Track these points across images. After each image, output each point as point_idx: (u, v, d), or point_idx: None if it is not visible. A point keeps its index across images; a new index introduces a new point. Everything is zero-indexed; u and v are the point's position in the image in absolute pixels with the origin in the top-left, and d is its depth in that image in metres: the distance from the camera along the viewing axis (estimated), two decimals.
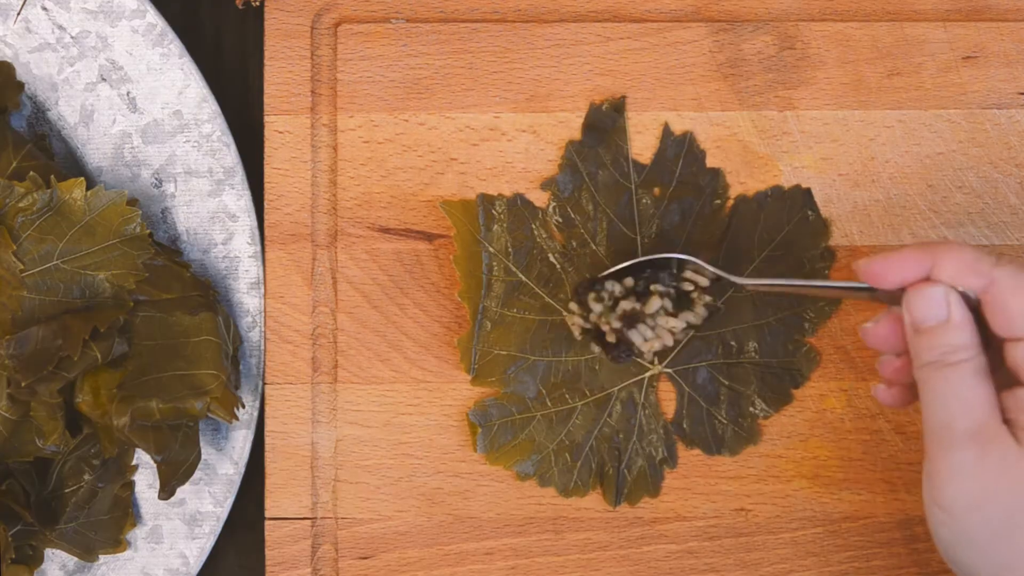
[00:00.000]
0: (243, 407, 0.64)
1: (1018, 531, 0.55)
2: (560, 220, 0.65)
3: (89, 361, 0.62)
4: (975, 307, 0.57)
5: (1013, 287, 0.56)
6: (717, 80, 0.66)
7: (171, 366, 0.63)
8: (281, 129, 0.66)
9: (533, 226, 0.65)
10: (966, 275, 0.56)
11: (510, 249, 0.65)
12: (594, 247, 0.65)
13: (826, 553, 0.65)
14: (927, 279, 0.57)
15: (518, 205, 0.65)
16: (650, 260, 0.63)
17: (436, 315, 0.66)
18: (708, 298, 0.63)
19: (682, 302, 0.63)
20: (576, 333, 0.63)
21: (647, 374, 0.65)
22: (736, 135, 0.66)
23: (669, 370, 0.65)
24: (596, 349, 0.62)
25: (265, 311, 0.66)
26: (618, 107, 0.65)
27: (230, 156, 0.66)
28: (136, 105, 0.67)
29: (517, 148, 0.66)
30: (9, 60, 0.67)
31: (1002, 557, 0.56)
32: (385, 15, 0.67)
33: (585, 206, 0.65)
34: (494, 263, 0.65)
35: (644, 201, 0.65)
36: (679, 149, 0.65)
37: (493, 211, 0.65)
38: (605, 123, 0.65)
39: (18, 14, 0.67)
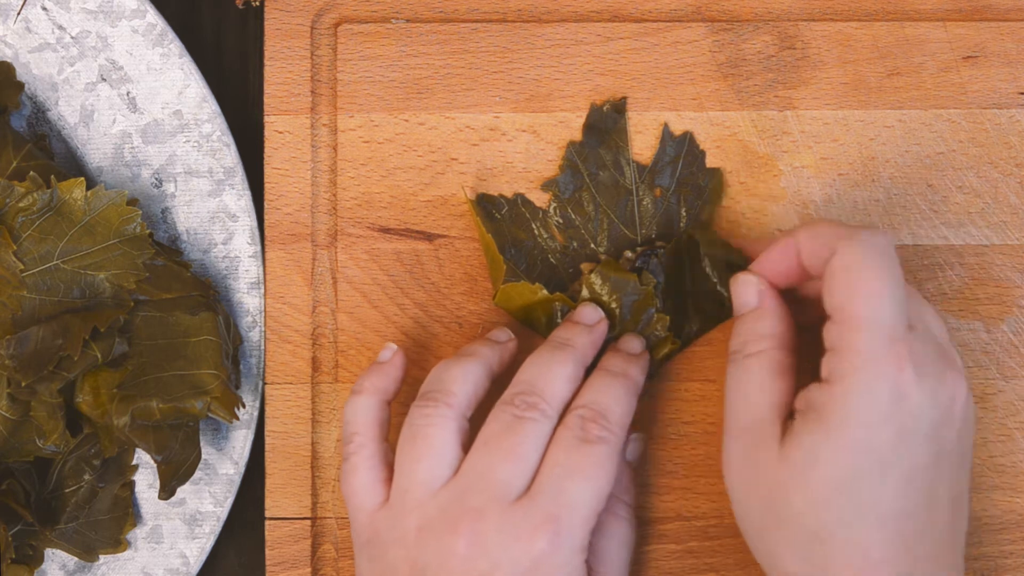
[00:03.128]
0: (243, 407, 0.64)
1: (767, 532, 0.57)
2: (561, 221, 0.65)
3: (89, 361, 0.62)
4: None
5: (842, 266, 0.56)
6: (717, 80, 0.66)
7: (171, 366, 0.63)
8: (281, 129, 0.66)
9: (534, 226, 0.65)
10: (818, 254, 0.58)
11: (512, 249, 0.65)
12: (594, 247, 0.65)
13: None
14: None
15: (519, 205, 0.65)
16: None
17: (436, 315, 0.66)
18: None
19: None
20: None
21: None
22: (736, 135, 0.66)
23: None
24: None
25: (265, 311, 0.66)
26: (619, 108, 0.65)
27: (230, 156, 0.66)
28: (136, 105, 0.67)
29: (517, 148, 0.66)
30: (9, 60, 0.67)
31: (763, 547, 0.58)
32: (385, 15, 0.67)
33: (586, 207, 0.65)
34: (499, 263, 0.65)
35: (644, 202, 0.65)
36: (679, 149, 0.65)
37: (494, 211, 0.65)
38: (606, 124, 0.65)
39: (18, 14, 0.67)
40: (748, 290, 0.60)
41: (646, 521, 0.65)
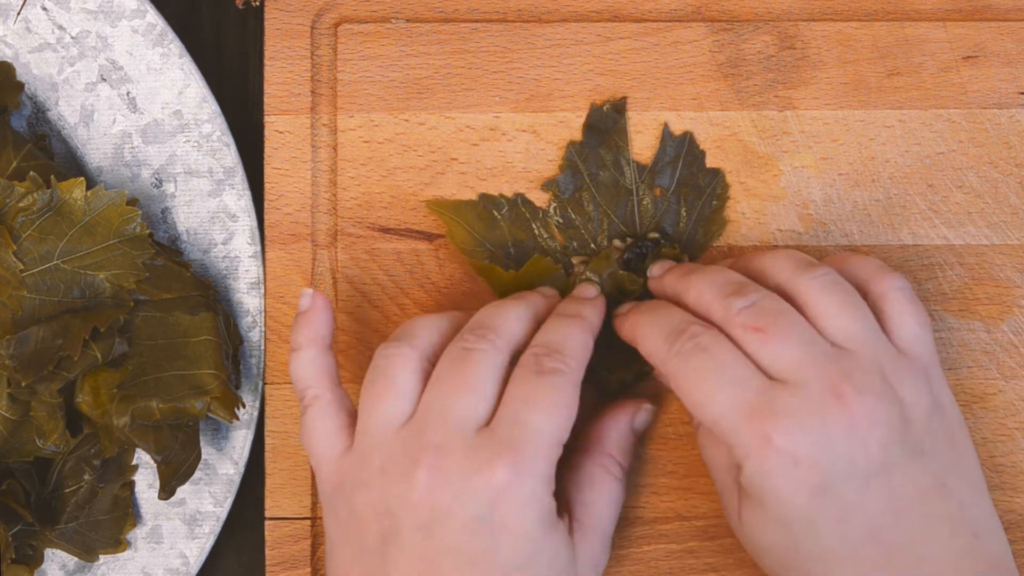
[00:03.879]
0: (243, 407, 0.64)
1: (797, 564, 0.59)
2: (561, 221, 0.65)
3: (89, 361, 0.62)
4: None
5: (674, 381, 0.59)
6: (717, 80, 0.66)
7: (171, 366, 0.63)
8: (281, 129, 0.66)
9: (534, 226, 0.65)
10: (661, 367, 0.60)
11: (511, 249, 0.65)
12: (594, 247, 0.65)
13: None
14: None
15: (519, 205, 0.65)
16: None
17: None
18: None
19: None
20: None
21: None
22: (736, 135, 0.66)
23: None
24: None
25: (265, 311, 0.66)
26: (619, 108, 0.65)
27: (230, 156, 0.66)
28: (136, 105, 0.67)
29: (517, 148, 0.66)
30: (9, 60, 0.67)
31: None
32: (385, 15, 0.67)
33: (586, 207, 0.65)
34: (497, 261, 0.65)
35: (645, 202, 0.65)
36: (679, 149, 0.65)
37: (494, 211, 0.65)
38: (606, 124, 0.65)
39: (18, 14, 0.67)
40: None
41: (646, 521, 0.65)
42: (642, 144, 0.66)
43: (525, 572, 0.57)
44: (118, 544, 0.66)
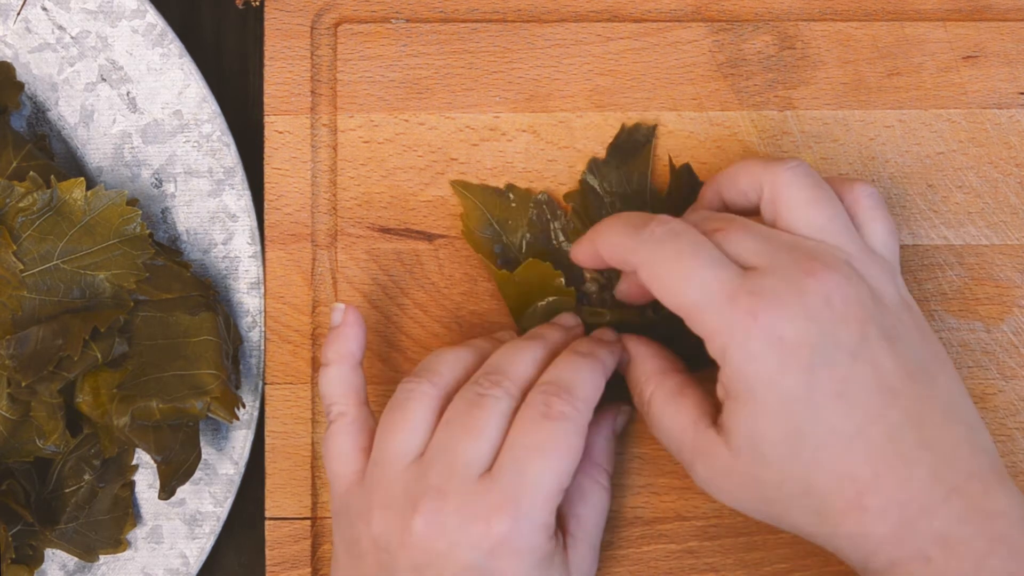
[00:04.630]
0: (243, 407, 0.64)
1: (773, 515, 0.58)
2: (580, 228, 0.65)
3: (89, 361, 0.62)
4: None
5: (646, 275, 0.58)
6: (717, 80, 0.66)
7: (171, 366, 0.63)
8: (281, 129, 0.66)
9: (552, 227, 0.65)
10: (623, 266, 0.60)
11: (525, 244, 0.65)
12: None
13: (826, 553, 0.65)
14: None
15: (543, 204, 0.65)
16: None
17: (436, 315, 0.66)
18: None
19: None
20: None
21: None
22: (736, 135, 0.66)
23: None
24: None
25: (265, 311, 0.66)
26: (649, 133, 0.65)
27: (230, 156, 0.66)
28: (136, 105, 0.67)
29: (517, 148, 0.66)
30: (9, 60, 0.67)
31: (782, 526, 0.58)
32: (385, 15, 0.67)
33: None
34: (507, 254, 0.65)
35: None
36: (679, 180, 0.65)
37: (516, 204, 0.65)
38: (632, 146, 0.65)
39: (18, 14, 0.67)
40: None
41: (646, 521, 0.65)
42: None
43: None
44: (118, 544, 0.66)
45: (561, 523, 0.61)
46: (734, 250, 0.57)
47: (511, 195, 0.65)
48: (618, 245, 0.59)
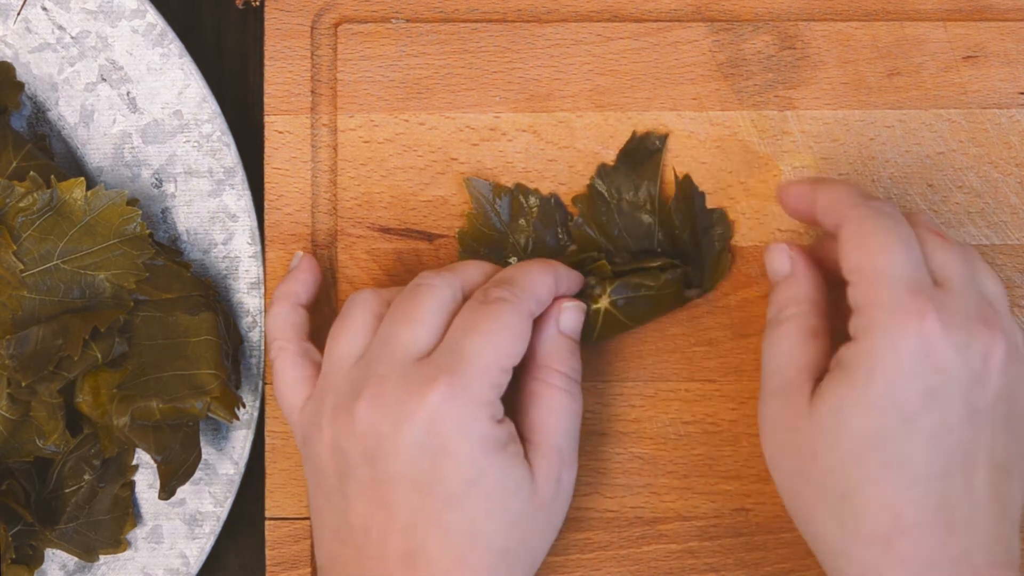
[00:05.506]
0: (243, 407, 0.64)
1: (800, 493, 0.58)
2: (587, 232, 0.65)
3: (89, 361, 0.62)
4: None
5: (853, 231, 0.57)
6: (717, 80, 0.66)
7: (171, 366, 0.63)
8: (281, 129, 0.66)
9: (559, 229, 0.65)
10: (830, 215, 0.59)
11: (530, 245, 0.65)
12: (611, 267, 0.64)
13: None
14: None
15: (551, 205, 0.65)
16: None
17: None
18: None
19: None
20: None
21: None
22: (736, 135, 0.66)
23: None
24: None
25: (265, 311, 0.66)
26: (661, 142, 0.65)
27: (230, 156, 0.66)
28: (136, 105, 0.67)
29: (517, 148, 0.66)
30: (9, 60, 0.67)
31: (796, 509, 0.59)
32: (385, 15, 0.67)
33: (609, 229, 0.65)
34: (510, 253, 0.65)
35: (660, 236, 0.65)
36: (689, 191, 0.65)
37: (525, 204, 0.65)
38: (641, 154, 0.65)
39: (18, 14, 0.67)
40: (780, 257, 0.61)
41: (646, 521, 0.65)
42: None
43: (472, 496, 0.57)
44: (118, 544, 0.66)
45: (521, 433, 0.60)
46: (939, 261, 0.57)
47: (519, 195, 0.65)
48: (845, 198, 0.58)
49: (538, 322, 0.61)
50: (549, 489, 0.59)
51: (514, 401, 0.61)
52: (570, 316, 0.62)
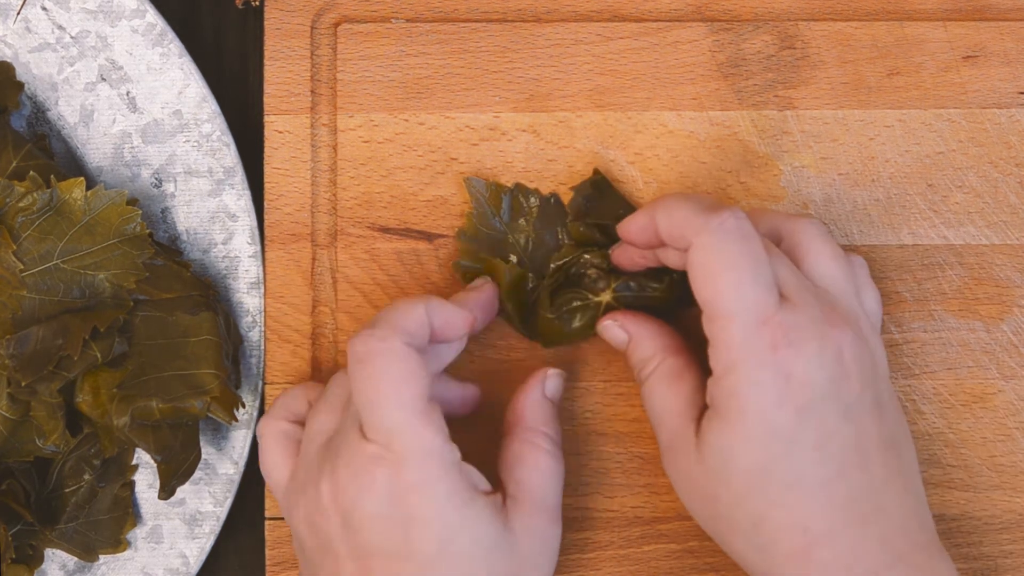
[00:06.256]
0: (243, 407, 0.64)
1: (718, 531, 0.59)
2: (584, 231, 0.65)
3: (89, 361, 0.62)
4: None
5: (699, 262, 0.57)
6: (717, 80, 0.66)
7: (171, 366, 0.63)
8: (281, 129, 0.66)
9: (559, 229, 0.65)
10: (675, 238, 0.59)
11: (530, 245, 0.65)
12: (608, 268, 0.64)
13: None
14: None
15: (551, 205, 0.65)
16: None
17: None
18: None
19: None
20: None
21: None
22: (736, 135, 0.66)
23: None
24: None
25: (265, 311, 0.66)
26: (599, 184, 0.65)
27: (230, 156, 0.66)
28: (136, 105, 0.67)
29: (517, 148, 0.66)
30: (9, 60, 0.67)
31: (721, 541, 0.60)
32: (385, 15, 0.67)
33: (611, 230, 0.65)
34: (510, 253, 0.65)
35: None
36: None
37: (525, 204, 0.65)
38: (593, 197, 0.65)
39: (18, 14, 0.67)
40: (613, 330, 0.62)
41: (646, 521, 0.65)
42: (642, 143, 0.66)
43: (449, 557, 0.57)
44: (118, 544, 0.66)
45: (502, 489, 0.60)
46: (783, 272, 0.58)
47: (519, 194, 0.65)
48: (685, 220, 0.58)
49: (523, 386, 0.62)
50: (530, 546, 0.59)
51: (499, 463, 0.61)
52: (554, 382, 0.63)
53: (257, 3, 0.68)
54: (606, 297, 0.63)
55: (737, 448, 0.57)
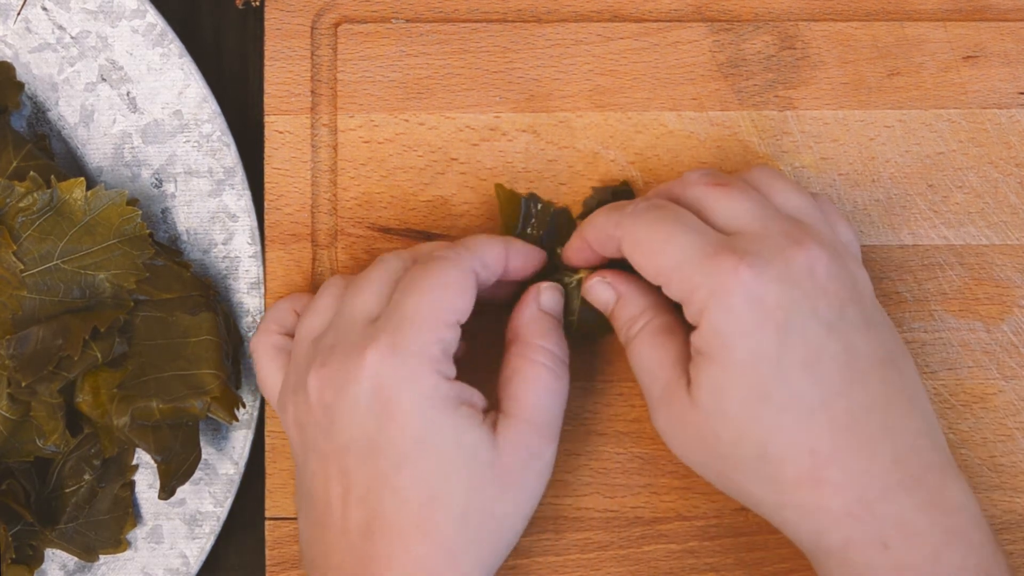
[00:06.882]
0: (243, 407, 0.64)
1: (724, 473, 0.58)
2: None
3: (89, 361, 0.62)
4: None
5: (628, 249, 0.58)
6: (717, 80, 0.66)
7: (171, 366, 0.63)
8: (281, 129, 0.66)
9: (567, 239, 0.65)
10: (608, 245, 0.60)
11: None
12: None
13: None
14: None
15: (559, 215, 0.65)
16: None
17: None
18: None
19: None
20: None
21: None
22: (736, 135, 0.66)
23: None
24: None
25: (265, 311, 0.66)
26: (619, 193, 0.65)
27: (230, 156, 0.66)
28: (136, 105, 0.67)
29: (517, 148, 0.66)
30: (9, 60, 0.67)
31: (727, 485, 0.59)
32: (385, 15, 0.67)
33: None
34: None
35: None
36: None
37: (533, 215, 0.65)
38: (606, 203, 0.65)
39: (18, 14, 0.67)
40: (601, 288, 0.62)
41: (646, 521, 0.65)
42: (642, 144, 0.66)
43: (422, 454, 0.56)
44: (118, 544, 0.66)
45: (498, 404, 0.60)
46: (727, 212, 0.58)
47: (531, 204, 0.65)
48: (602, 225, 0.60)
49: (518, 303, 0.62)
50: (515, 459, 0.58)
51: (498, 381, 0.61)
52: (550, 295, 0.62)
53: (257, 3, 0.68)
54: (583, 272, 0.63)
55: (728, 381, 0.56)
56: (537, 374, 0.60)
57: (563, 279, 0.63)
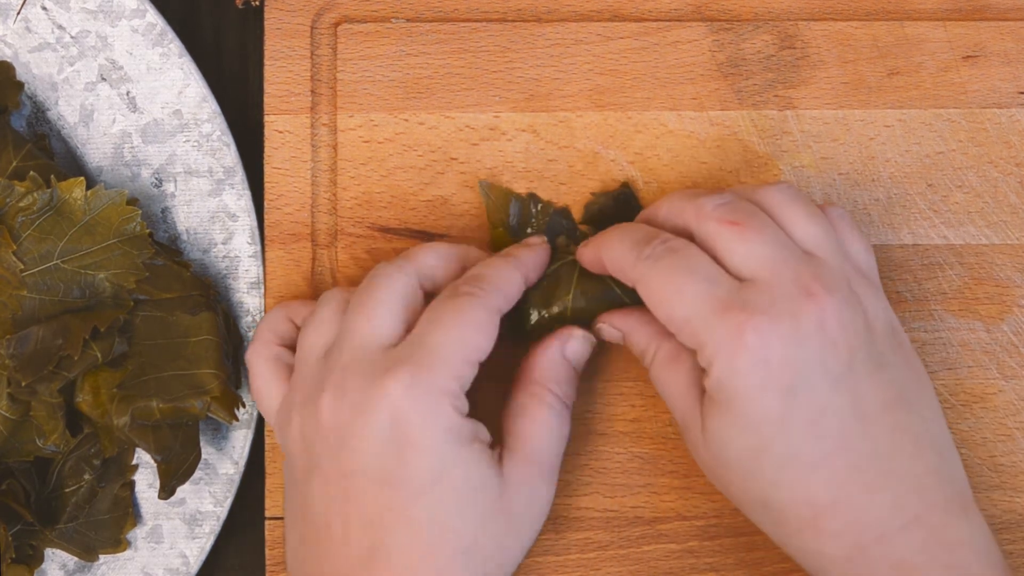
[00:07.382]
0: (243, 407, 0.64)
1: (736, 500, 0.59)
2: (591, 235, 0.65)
3: (89, 361, 0.62)
4: None
5: (646, 293, 0.58)
6: (717, 80, 0.66)
7: (171, 366, 0.63)
8: (281, 129, 0.66)
9: (567, 241, 0.65)
10: (623, 277, 0.60)
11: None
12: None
13: None
14: None
15: (561, 216, 0.65)
16: None
17: None
18: None
19: None
20: None
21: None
22: (736, 135, 0.66)
23: None
24: None
25: (265, 311, 0.66)
26: (620, 197, 0.65)
27: (230, 156, 0.66)
28: (136, 105, 0.67)
29: (517, 148, 0.66)
30: (9, 60, 0.67)
31: (744, 513, 0.60)
32: (385, 15, 0.67)
33: None
34: None
35: None
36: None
37: (532, 215, 0.65)
38: (608, 208, 0.65)
39: (18, 14, 0.67)
40: (608, 332, 0.62)
41: (646, 521, 0.65)
42: (642, 144, 0.66)
43: (438, 489, 0.57)
44: (118, 544, 0.66)
45: (501, 440, 0.60)
46: (741, 256, 0.57)
47: (531, 204, 0.65)
48: (620, 260, 0.59)
49: (543, 344, 0.62)
50: (519, 498, 0.59)
51: (503, 415, 0.61)
52: (578, 345, 0.62)
53: (257, 3, 0.68)
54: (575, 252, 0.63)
55: (731, 433, 0.57)
56: (546, 417, 0.60)
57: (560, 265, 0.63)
